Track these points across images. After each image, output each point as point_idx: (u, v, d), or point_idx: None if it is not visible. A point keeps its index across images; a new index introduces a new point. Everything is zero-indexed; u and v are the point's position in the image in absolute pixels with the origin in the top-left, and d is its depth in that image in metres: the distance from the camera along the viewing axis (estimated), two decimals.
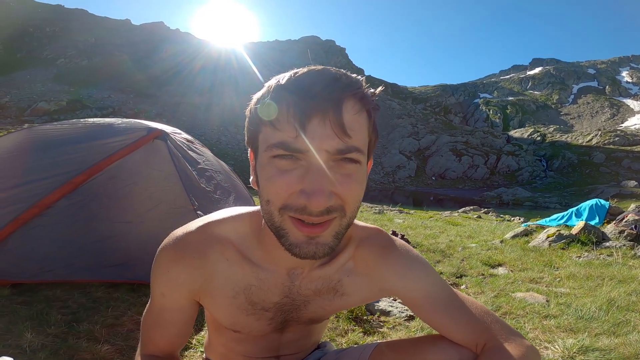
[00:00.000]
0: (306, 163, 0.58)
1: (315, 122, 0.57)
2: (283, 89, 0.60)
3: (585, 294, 2.77)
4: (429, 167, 49.49)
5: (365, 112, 0.62)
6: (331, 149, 0.58)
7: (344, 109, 0.58)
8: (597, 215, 6.24)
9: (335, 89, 0.58)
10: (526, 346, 0.74)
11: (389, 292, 0.83)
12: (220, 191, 2.98)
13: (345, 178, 0.60)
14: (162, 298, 0.79)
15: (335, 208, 0.60)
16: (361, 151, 0.60)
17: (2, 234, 2.23)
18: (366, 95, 0.62)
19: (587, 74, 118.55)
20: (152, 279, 0.79)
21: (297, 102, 0.58)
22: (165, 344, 0.84)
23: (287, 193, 0.59)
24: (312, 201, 0.57)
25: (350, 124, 0.58)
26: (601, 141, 56.22)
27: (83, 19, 70.59)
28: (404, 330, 2.09)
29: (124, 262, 2.43)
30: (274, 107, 0.59)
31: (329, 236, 0.62)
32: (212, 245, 0.76)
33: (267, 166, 0.61)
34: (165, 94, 48.39)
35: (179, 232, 0.77)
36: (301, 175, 0.58)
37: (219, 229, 0.78)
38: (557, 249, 4.33)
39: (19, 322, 1.79)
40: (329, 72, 0.61)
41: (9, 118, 33.03)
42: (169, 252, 0.76)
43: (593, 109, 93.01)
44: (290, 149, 0.58)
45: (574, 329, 2.13)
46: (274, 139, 0.59)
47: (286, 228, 0.62)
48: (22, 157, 2.63)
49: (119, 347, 1.68)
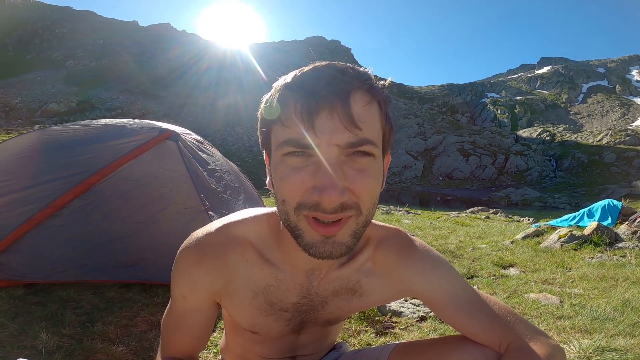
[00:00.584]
0: (317, 159, 0.57)
1: (323, 117, 0.56)
2: (289, 87, 0.60)
3: (600, 294, 2.73)
4: (436, 167, 49.20)
5: (376, 104, 0.61)
6: (342, 143, 0.57)
7: (352, 101, 0.57)
8: (610, 216, 6.15)
9: (342, 82, 0.57)
10: (552, 345, 0.73)
11: (410, 293, 0.82)
12: (230, 191, 2.99)
13: (359, 173, 0.58)
14: (183, 300, 0.79)
15: (349, 205, 0.58)
16: (374, 143, 0.59)
17: (16, 234, 2.25)
18: (375, 86, 0.61)
19: (597, 73, 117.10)
20: (173, 281, 0.79)
21: (304, 97, 0.57)
22: (185, 346, 0.84)
23: (300, 190, 0.58)
24: (324, 197, 0.56)
25: (360, 116, 0.57)
26: (612, 141, 55.47)
27: (91, 21, 71.36)
28: (416, 331, 2.08)
29: (136, 263, 2.45)
30: (282, 106, 0.59)
31: (346, 235, 0.61)
32: (232, 246, 0.76)
33: (279, 165, 0.61)
34: (172, 94, 48.71)
35: (198, 234, 0.77)
36: (313, 172, 0.57)
37: (238, 230, 0.78)
38: (569, 250, 4.27)
39: (34, 323, 1.80)
40: (335, 66, 0.60)
41: (19, 119, 33.47)
42: (190, 253, 0.76)
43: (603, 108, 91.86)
44: (300, 145, 0.57)
45: (589, 330, 2.11)
46: (284, 136, 0.59)
47: (302, 228, 0.61)
48: (35, 158, 2.66)
49: (133, 348, 1.69)
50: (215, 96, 49.66)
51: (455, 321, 0.78)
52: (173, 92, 49.48)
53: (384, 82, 0.64)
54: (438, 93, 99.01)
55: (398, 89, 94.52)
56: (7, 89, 43.13)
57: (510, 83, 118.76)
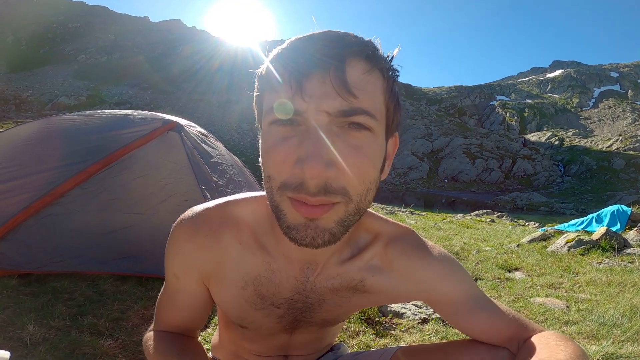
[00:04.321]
0: (305, 128, 0.51)
1: (314, 80, 0.50)
2: (282, 51, 0.54)
3: (607, 300, 2.67)
4: (442, 169, 48.91)
5: (378, 73, 0.54)
6: (332, 110, 0.50)
7: (347, 66, 0.51)
8: (619, 222, 6.04)
9: (339, 46, 0.51)
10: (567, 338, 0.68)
11: (426, 294, 0.76)
12: (232, 185, 2.95)
13: (352, 149, 0.51)
14: (176, 280, 0.75)
15: (335, 189, 0.51)
16: (372, 115, 0.52)
17: (13, 222, 2.23)
18: (376, 53, 0.54)
19: (610, 77, 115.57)
20: (166, 257, 0.75)
21: (295, 60, 0.52)
22: (180, 324, 0.81)
23: (285, 165, 0.52)
24: (306, 167, 0.49)
25: (357, 83, 0.51)
26: (621, 147, 54.79)
27: (104, 16, 72.04)
28: (417, 333, 2.03)
29: (133, 255, 2.42)
30: (273, 70, 0.54)
31: (331, 221, 0.54)
32: (227, 225, 0.71)
33: (265, 135, 0.55)
34: (183, 92, 49.03)
35: (197, 208, 0.73)
36: (299, 142, 0.51)
37: (237, 208, 0.73)
38: (577, 255, 4.18)
39: (23, 314, 1.76)
40: (334, 32, 0.54)
41: (29, 112, 33.84)
42: (183, 228, 0.72)
43: (614, 114, 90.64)
44: (287, 110, 0.51)
45: (596, 336, 2.05)
46: (272, 101, 0.53)
47: (284, 209, 0.55)
48: (38, 146, 2.65)
49: (122, 342, 1.65)
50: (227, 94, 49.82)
51: (469, 322, 0.73)
52: (185, 89, 49.79)
53: (392, 53, 0.57)
54: (446, 94, 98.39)
55: (406, 90, 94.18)
56: (19, 82, 43.71)
57: (521, 86, 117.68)
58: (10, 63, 53.01)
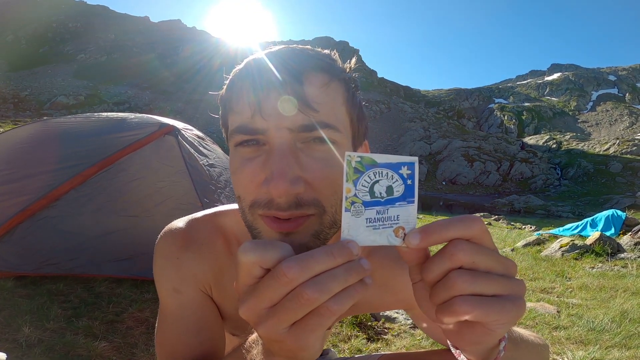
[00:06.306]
0: (269, 147, 0.50)
1: (272, 98, 0.49)
2: (239, 72, 0.55)
3: (598, 305, 2.69)
4: (440, 171, 49.00)
5: (337, 84, 0.53)
6: (293, 126, 0.49)
7: (305, 80, 0.50)
8: (613, 226, 6.07)
9: (296, 61, 0.51)
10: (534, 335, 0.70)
11: (404, 303, 0.77)
12: (229, 188, 2.98)
13: (318, 162, 0.50)
14: (178, 295, 0.67)
15: (307, 201, 0.50)
16: (334, 127, 0.51)
17: (9, 224, 2.25)
18: (334, 65, 0.54)
19: (608, 81, 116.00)
20: (158, 276, 0.68)
21: (253, 79, 0.51)
22: (195, 354, 0.66)
23: (252, 185, 0.51)
24: (272, 188, 0.47)
25: (316, 97, 0.50)
26: (619, 150, 54.97)
27: (104, 16, 72.03)
28: (408, 337, 2.05)
29: (128, 257, 2.43)
30: (232, 92, 0.54)
31: (307, 234, 0.52)
32: (218, 235, 0.70)
33: (232, 157, 0.55)
34: (183, 92, 48.98)
35: (184, 219, 0.71)
36: (264, 162, 0.50)
37: (225, 219, 0.72)
38: (570, 259, 4.21)
39: (18, 316, 1.78)
40: (292, 48, 0.54)
41: (28, 111, 33.80)
42: (174, 238, 0.68)
43: (612, 117, 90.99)
44: (249, 131, 0.50)
45: (584, 341, 2.07)
46: (234, 123, 0.52)
47: (258, 227, 0.54)
48: (35, 149, 2.66)
49: (117, 344, 1.66)
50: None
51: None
52: (183, 89, 49.75)
53: (349, 64, 0.58)
54: (445, 97, 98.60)
55: (405, 92, 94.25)
56: (18, 81, 43.63)
57: (519, 89, 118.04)
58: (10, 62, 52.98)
